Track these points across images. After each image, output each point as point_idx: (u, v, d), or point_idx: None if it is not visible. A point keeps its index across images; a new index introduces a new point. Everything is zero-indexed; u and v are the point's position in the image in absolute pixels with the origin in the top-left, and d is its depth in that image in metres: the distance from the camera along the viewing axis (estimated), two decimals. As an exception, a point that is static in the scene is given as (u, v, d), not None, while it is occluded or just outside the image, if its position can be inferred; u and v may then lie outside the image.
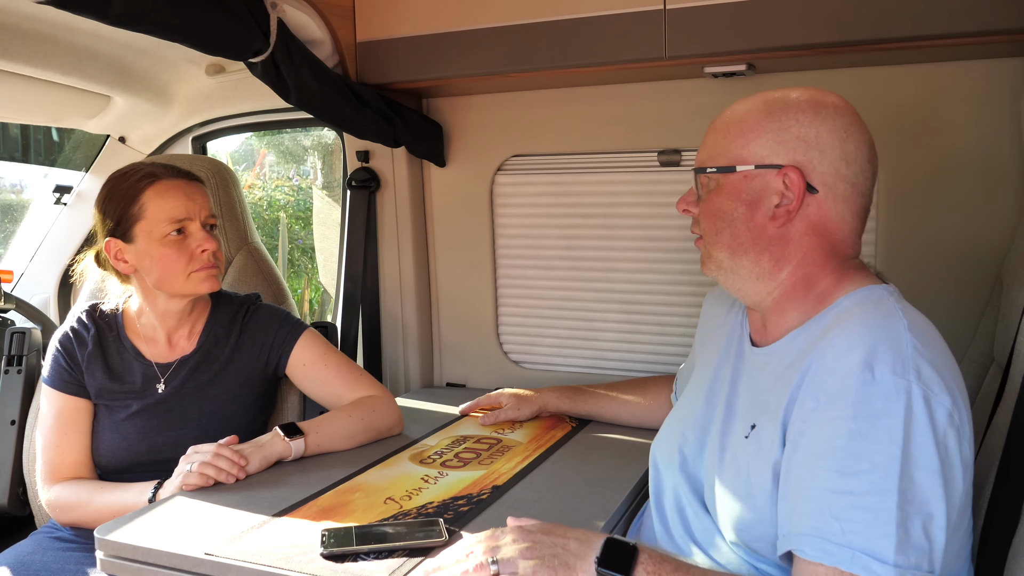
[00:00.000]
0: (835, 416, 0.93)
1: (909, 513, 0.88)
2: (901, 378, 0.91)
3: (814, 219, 1.07)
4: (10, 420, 1.92)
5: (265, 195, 5.51)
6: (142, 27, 1.35)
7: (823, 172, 1.06)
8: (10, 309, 2.18)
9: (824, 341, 0.99)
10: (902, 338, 0.94)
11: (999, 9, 1.40)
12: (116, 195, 1.55)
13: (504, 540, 1.00)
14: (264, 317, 1.70)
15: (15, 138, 3.03)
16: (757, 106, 1.10)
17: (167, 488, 1.40)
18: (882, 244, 1.74)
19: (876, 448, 0.89)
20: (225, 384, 1.64)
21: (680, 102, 1.87)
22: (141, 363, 1.62)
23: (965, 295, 1.67)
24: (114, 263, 1.58)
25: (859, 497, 0.89)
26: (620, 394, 1.72)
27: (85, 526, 1.54)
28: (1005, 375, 1.24)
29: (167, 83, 2.25)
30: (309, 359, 1.67)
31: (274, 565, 1.07)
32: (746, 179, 1.08)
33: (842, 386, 0.93)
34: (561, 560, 0.97)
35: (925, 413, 0.90)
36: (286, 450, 1.46)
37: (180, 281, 1.56)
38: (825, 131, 1.06)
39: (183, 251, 1.55)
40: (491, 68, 1.81)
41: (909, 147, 1.70)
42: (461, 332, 2.23)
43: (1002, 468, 1.11)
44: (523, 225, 2.13)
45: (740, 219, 1.09)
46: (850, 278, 1.09)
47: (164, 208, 1.53)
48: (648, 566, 0.95)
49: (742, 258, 1.11)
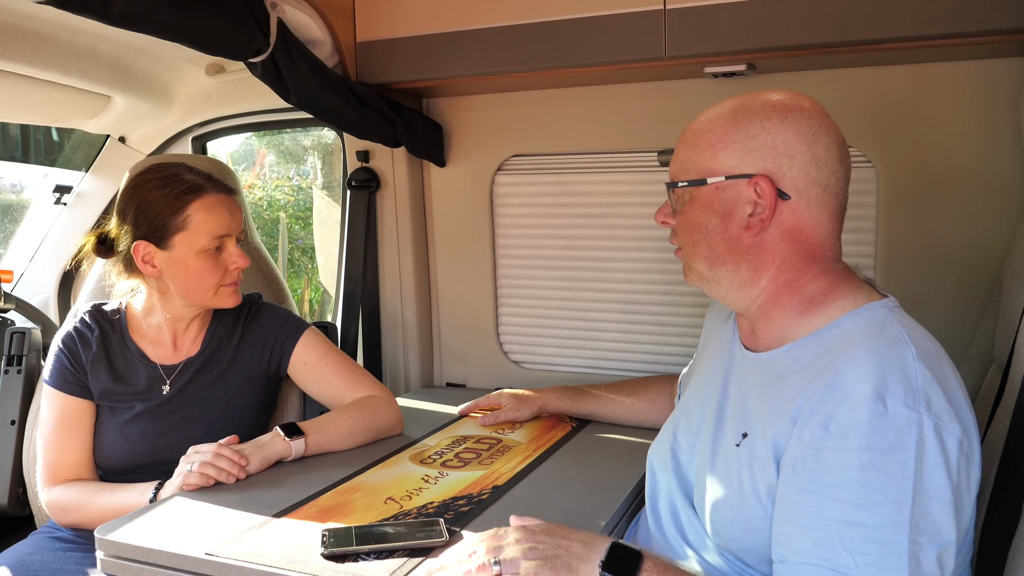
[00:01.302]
0: (847, 447, 0.92)
1: (922, 544, 0.88)
2: (913, 411, 0.90)
3: (789, 225, 1.07)
4: (10, 420, 1.92)
5: (265, 195, 5.51)
6: (142, 27, 1.35)
7: (794, 178, 1.05)
8: (10, 309, 2.18)
9: (831, 367, 0.98)
10: (911, 367, 0.94)
11: (999, 9, 1.40)
12: (158, 201, 1.52)
13: (507, 540, 1.00)
14: (266, 317, 1.70)
15: (15, 138, 3.03)
16: (723, 115, 1.10)
17: (168, 488, 1.40)
18: (882, 244, 1.74)
19: (889, 481, 0.89)
20: (228, 385, 1.64)
21: (680, 102, 1.87)
22: (146, 365, 1.62)
23: (965, 295, 1.67)
24: (140, 265, 1.56)
25: (872, 530, 0.88)
26: (620, 394, 1.72)
27: (86, 527, 1.53)
28: (1005, 375, 1.24)
29: (167, 83, 2.25)
30: (311, 358, 1.67)
31: (274, 565, 1.07)
32: (718, 190, 1.08)
33: (854, 418, 0.92)
34: (564, 562, 0.97)
35: (937, 445, 0.90)
36: (286, 450, 1.46)
37: (209, 295, 1.57)
38: (792, 136, 1.05)
39: (219, 266, 1.55)
40: (491, 68, 1.81)
41: (909, 147, 1.70)
42: (461, 332, 2.23)
43: (1002, 468, 1.12)
44: (523, 225, 2.13)
45: (715, 230, 1.10)
46: (843, 287, 1.08)
47: (209, 223, 1.53)
48: (652, 573, 0.95)
49: (721, 268, 1.11)
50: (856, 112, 1.70)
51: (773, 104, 1.07)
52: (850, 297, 1.06)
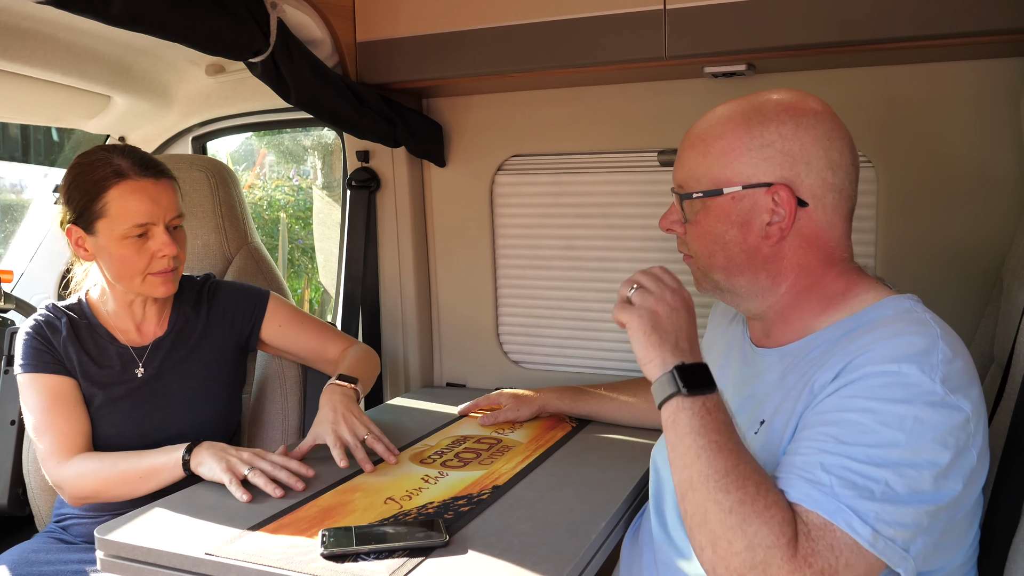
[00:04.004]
0: (851, 395, 0.94)
1: (900, 495, 0.88)
2: (927, 377, 0.91)
3: (807, 232, 1.06)
4: (10, 420, 1.92)
5: (265, 195, 5.51)
6: (142, 27, 1.35)
7: (811, 184, 1.04)
8: (10, 309, 2.18)
9: (855, 343, 0.98)
10: (935, 346, 0.94)
11: (999, 9, 1.40)
12: (80, 186, 1.51)
13: (652, 285, 1.05)
14: (227, 291, 1.73)
15: (15, 138, 3.03)
16: (734, 120, 1.06)
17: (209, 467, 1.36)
18: (882, 244, 1.74)
19: (884, 430, 0.90)
20: (203, 360, 1.65)
21: (680, 102, 1.87)
22: (116, 346, 1.61)
23: (965, 296, 1.66)
24: (74, 249, 1.56)
25: (855, 464, 0.90)
26: (620, 394, 1.72)
27: (107, 498, 1.49)
28: (1005, 375, 1.24)
29: (167, 83, 2.25)
30: (283, 320, 1.74)
31: (274, 565, 1.07)
32: (734, 200, 1.06)
33: (864, 373, 0.94)
34: (665, 332, 1.01)
35: (942, 414, 0.90)
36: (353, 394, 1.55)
37: (136, 281, 1.54)
38: (809, 142, 1.04)
39: (143, 253, 1.51)
40: (491, 68, 1.81)
41: (909, 147, 1.70)
42: (461, 332, 2.23)
43: (1002, 468, 1.12)
44: (523, 225, 2.13)
45: (733, 241, 1.08)
46: (861, 284, 1.08)
47: (127, 210, 1.49)
48: (712, 402, 0.97)
49: (739, 278, 1.10)
50: (856, 112, 1.70)
51: (786, 108, 1.05)
52: (871, 292, 1.07)
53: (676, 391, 0.97)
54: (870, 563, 0.87)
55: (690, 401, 0.96)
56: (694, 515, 0.93)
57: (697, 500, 0.93)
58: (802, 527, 0.88)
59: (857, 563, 0.87)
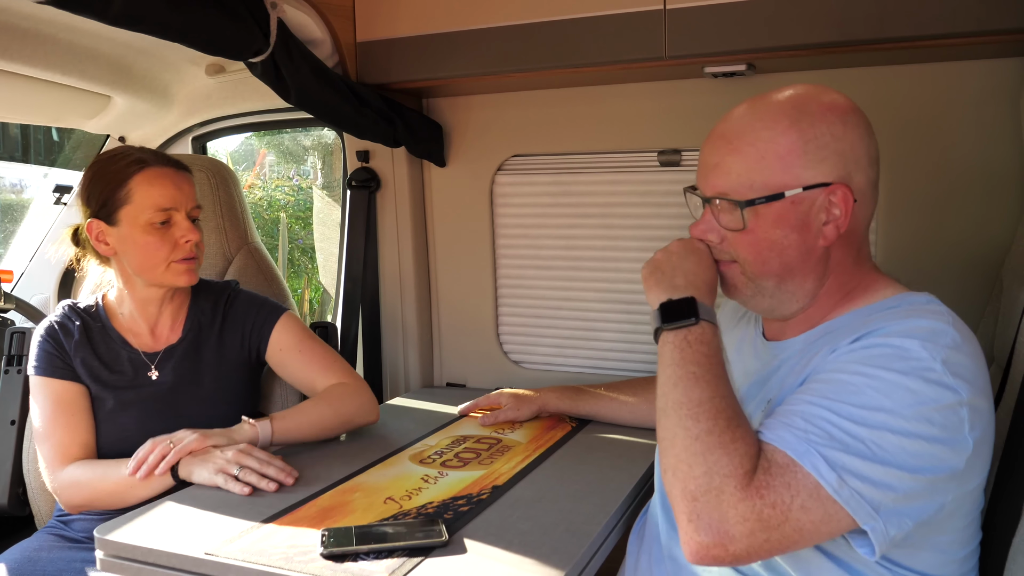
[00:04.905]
0: (850, 360, 0.95)
1: (875, 454, 0.88)
2: (928, 354, 0.92)
3: (850, 229, 1.06)
4: (10, 420, 1.92)
5: (265, 195, 5.52)
6: (142, 27, 1.35)
7: (860, 181, 1.04)
8: (10, 309, 2.18)
9: (866, 325, 0.99)
10: (946, 331, 0.95)
11: (999, 9, 1.40)
12: (103, 177, 1.54)
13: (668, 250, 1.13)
14: (244, 303, 1.71)
15: (15, 138, 3.03)
16: (781, 122, 1.04)
17: (200, 475, 1.37)
18: (882, 244, 1.74)
19: (873, 393, 0.91)
20: (215, 371, 1.65)
21: (680, 102, 1.87)
22: (128, 351, 1.61)
23: (965, 295, 1.66)
24: (95, 244, 1.57)
25: (836, 418, 0.91)
26: (620, 394, 1.72)
27: (99, 506, 1.50)
28: (1005, 375, 1.24)
29: (167, 83, 2.25)
30: (286, 344, 1.67)
31: (274, 565, 1.07)
32: (794, 204, 1.04)
33: (867, 343, 0.95)
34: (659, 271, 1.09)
35: (934, 391, 0.90)
36: (253, 434, 1.46)
37: (160, 270, 1.55)
38: (856, 139, 1.04)
39: (166, 240, 1.54)
40: (491, 68, 1.81)
41: (909, 147, 1.70)
42: (461, 332, 2.23)
43: (1002, 468, 1.12)
44: (523, 225, 2.13)
45: (792, 245, 1.05)
46: (880, 281, 1.09)
47: (152, 195, 1.52)
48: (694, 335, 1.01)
49: (789, 283, 1.08)
50: (856, 112, 1.70)
51: (829, 107, 1.04)
52: (889, 288, 1.08)
53: (659, 325, 1.04)
54: (829, 511, 0.88)
55: (672, 334, 1.02)
56: (663, 439, 0.97)
57: (668, 425, 0.97)
58: (763, 463, 0.90)
59: (814, 507, 0.88)
